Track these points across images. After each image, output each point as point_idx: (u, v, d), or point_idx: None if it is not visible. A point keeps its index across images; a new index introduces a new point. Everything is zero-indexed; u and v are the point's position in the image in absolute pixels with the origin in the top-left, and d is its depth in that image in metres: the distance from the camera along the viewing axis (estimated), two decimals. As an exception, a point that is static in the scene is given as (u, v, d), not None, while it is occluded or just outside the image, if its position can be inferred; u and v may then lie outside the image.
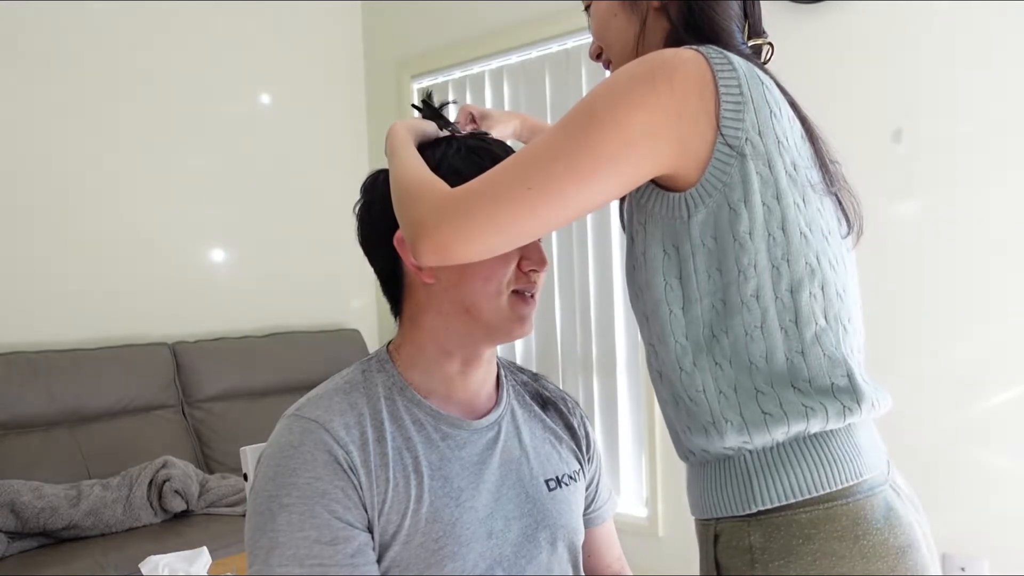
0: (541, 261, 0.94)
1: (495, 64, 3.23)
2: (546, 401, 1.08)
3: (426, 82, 3.51)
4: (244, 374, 3.09)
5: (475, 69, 3.31)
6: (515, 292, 0.93)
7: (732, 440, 0.81)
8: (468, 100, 3.36)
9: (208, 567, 1.60)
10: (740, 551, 0.80)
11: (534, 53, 3.09)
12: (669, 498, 2.75)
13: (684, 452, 0.89)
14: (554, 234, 3.06)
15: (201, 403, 2.96)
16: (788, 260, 0.79)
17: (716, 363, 0.81)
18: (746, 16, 0.92)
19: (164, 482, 2.44)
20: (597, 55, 1.01)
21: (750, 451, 0.81)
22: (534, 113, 3.11)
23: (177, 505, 2.44)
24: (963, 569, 2.11)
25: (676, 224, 0.81)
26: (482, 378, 1.00)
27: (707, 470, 0.85)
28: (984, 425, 2.10)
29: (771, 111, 0.79)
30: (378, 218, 0.95)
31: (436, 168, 0.89)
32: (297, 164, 3.50)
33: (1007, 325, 2.07)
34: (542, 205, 0.77)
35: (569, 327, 3.06)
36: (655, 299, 0.84)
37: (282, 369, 3.18)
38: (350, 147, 3.70)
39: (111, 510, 2.33)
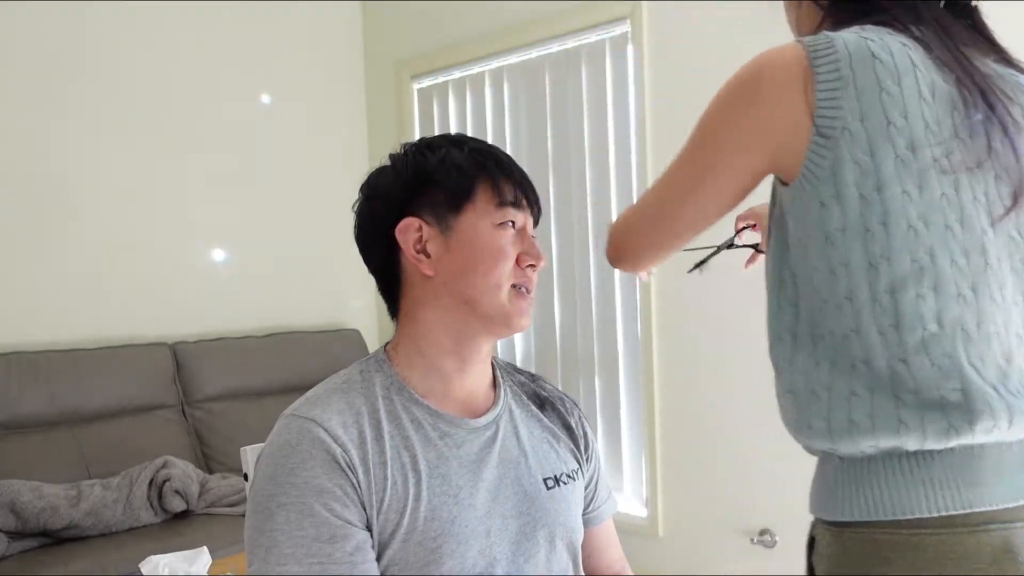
0: (538, 256, 0.96)
1: (495, 64, 3.23)
2: (544, 401, 1.08)
3: (426, 82, 3.51)
4: (244, 374, 3.09)
5: (475, 69, 3.31)
6: (513, 287, 0.95)
7: (820, 444, 0.78)
8: (468, 100, 3.36)
9: (208, 567, 1.60)
10: (824, 559, 0.78)
11: (534, 53, 3.09)
12: (669, 498, 2.75)
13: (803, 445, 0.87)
14: (553, 234, 3.06)
15: (201, 403, 2.96)
16: (889, 257, 0.72)
17: (816, 363, 0.77)
18: None
19: (164, 482, 2.44)
20: None
21: (840, 458, 0.77)
22: (534, 113, 3.11)
23: (177, 505, 2.44)
24: None
25: (785, 219, 0.80)
26: (479, 376, 1.00)
27: (817, 465, 0.83)
28: None
29: (882, 89, 0.72)
30: (377, 213, 0.97)
31: (440, 163, 0.93)
32: (297, 164, 3.50)
33: None
34: (671, 216, 0.89)
35: (569, 327, 3.06)
36: (769, 292, 0.84)
37: (282, 369, 3.18)
38: (350, 147, 3.71)
39: (111, 510, 2.33)
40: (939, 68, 0.76)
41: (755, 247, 1.18)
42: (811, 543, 0.81)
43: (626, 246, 0.96)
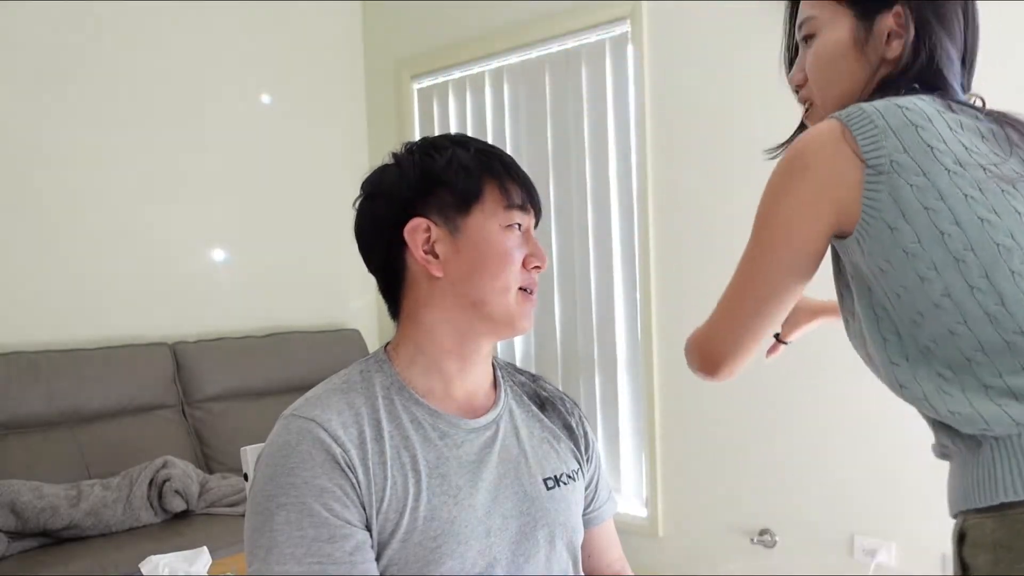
0: (542, 258, 0.97)
1: (495, 64, 3.23)
2: (544, 401, 1.08)
3: (426, 82, 3.51)
4: (244, 374, 3.09)
5: (475, 69, 3.31)
6: (520, 289, 0.96)
7: (971, 428, 0.79)
8: (468, 100, 3.36)
9: (208, 567, 1.60)
10: (984, 548, 0.76)
11: (534, 53, 3.09)
12: (669, 498, 2.75)
13: (939, 450, 0.88)
14: (553, 234, 3.06)
15: (201, 403, 2.96)
16: (972, 248, 0.78)
17: (938, 374, 0.81)
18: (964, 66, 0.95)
19: (164, 482, 2.44)
20: (799, 87, 1.04)
21: (995, 438, 0.78)
22: (534, 113, 3.11)
23: (177, 505, 2.44)
24: None
25: (856, 266, 0.85)
26: (480, 377, 1.00)
27: (958, 460, 0.84)
28: None
29: (916, 126, 0.82)
30: (380, 212, 0.97)
31: (447, 164, 0.93)
32: (297, 164, 3.50)
33: None
34: (759, 301, 0.93)
35: (569, 327, 3.06)
36: (869, 335, 0.87)
37: (282, 369, 3.18)
38: (350, 147, 3.71)
39: (111, 510, 2.33)
40: (965, 113, 0.85)
41: (775, 336, 1.23)
42: (961, 538, 0.80)
43: (719, 350, 0.98)
